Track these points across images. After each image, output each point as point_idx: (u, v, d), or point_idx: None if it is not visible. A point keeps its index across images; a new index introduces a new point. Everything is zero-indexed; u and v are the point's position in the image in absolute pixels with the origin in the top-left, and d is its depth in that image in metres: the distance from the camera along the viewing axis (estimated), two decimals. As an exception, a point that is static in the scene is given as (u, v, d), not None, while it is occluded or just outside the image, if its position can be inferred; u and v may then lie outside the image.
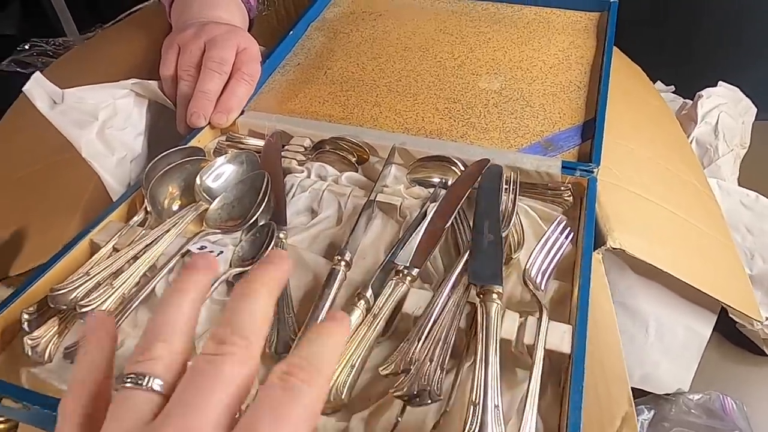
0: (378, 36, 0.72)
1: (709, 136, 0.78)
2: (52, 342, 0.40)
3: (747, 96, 0.83)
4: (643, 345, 0.55)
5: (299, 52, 0.71)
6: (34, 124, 0.59)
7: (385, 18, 0.76)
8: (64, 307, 0.41)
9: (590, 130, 0.57)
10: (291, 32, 0.72)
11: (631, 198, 0.54)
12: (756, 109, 0.82)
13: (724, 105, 0.80)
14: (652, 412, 0.57)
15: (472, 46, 0.69)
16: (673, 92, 0.90)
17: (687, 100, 0.86)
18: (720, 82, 0.83)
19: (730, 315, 0.55)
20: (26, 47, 0.92)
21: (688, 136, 0.76)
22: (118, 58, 0.72)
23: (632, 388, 0.41)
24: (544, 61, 0.66)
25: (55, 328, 0.41)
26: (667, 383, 0.57)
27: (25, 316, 0.41)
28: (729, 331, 0.60)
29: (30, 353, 0.39)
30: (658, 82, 0.89)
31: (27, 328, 0.40)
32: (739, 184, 0.75)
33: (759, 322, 0.55)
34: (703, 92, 0.81)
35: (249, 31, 0.70)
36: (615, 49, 0.68)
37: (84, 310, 0.40)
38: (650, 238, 0.50)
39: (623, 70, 0.70)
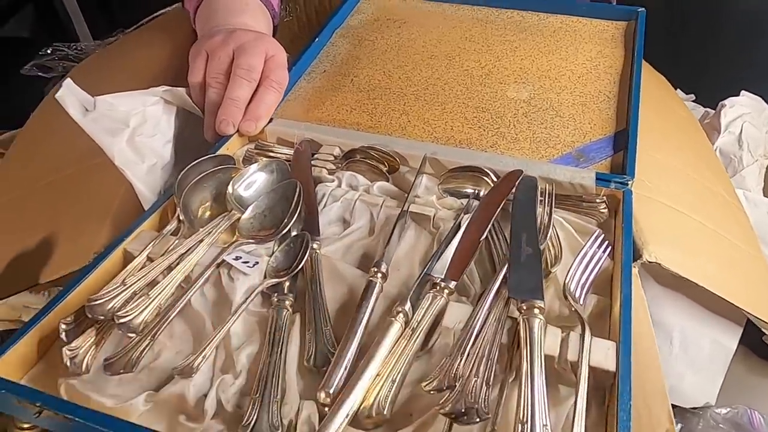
0: (403, 44, 0.72)
1: (733, 147, 0.77)
2: (89, 353, 0.40)
3: (770, 106, 0.82)
4: (667, 357, 0.55)
5: (324, 59, 0.71)
6: (62, 128, 0.59)
7: (410, 25, 0.75)
8: (102, 318, 0.41)
9: (622, 141, 0.56)
10: (316, 39, 0.72)
11: (662, 209, 0.54)
12: (780, 120, 0.82)
13: (747, 115, 0.79)
14: (679, 426, 0.57)
15: (499, 55, 0.69)
16: (693, 101, 0.90)
17: (708, 109, 0.85)
18: (743, 92, 0.82)
19: (762, 329, 0.54)
20: (48, 51, 0.92)
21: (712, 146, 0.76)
22: (141, 63, 0.72)
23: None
24: (572, 70, 0.66)
25: (93, 339, 0.41)
26: (693, 396, 0.56)
27: (63, 327, 0.41)
28: (755, 344, 0.59)
29: (69, 364, 0.39)
30: (678, 90, 0.89)
31: (65, 339, 0.40)
32: (764, 195, 0.74)
33: (790, 335, 0.54)
34: (726, 102, 0.80)
35: (273, 37, 0.69)
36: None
37: (122, 321, 0.40)
38: (681, 249, 0.50)
39: (649, 79, 0.70)
